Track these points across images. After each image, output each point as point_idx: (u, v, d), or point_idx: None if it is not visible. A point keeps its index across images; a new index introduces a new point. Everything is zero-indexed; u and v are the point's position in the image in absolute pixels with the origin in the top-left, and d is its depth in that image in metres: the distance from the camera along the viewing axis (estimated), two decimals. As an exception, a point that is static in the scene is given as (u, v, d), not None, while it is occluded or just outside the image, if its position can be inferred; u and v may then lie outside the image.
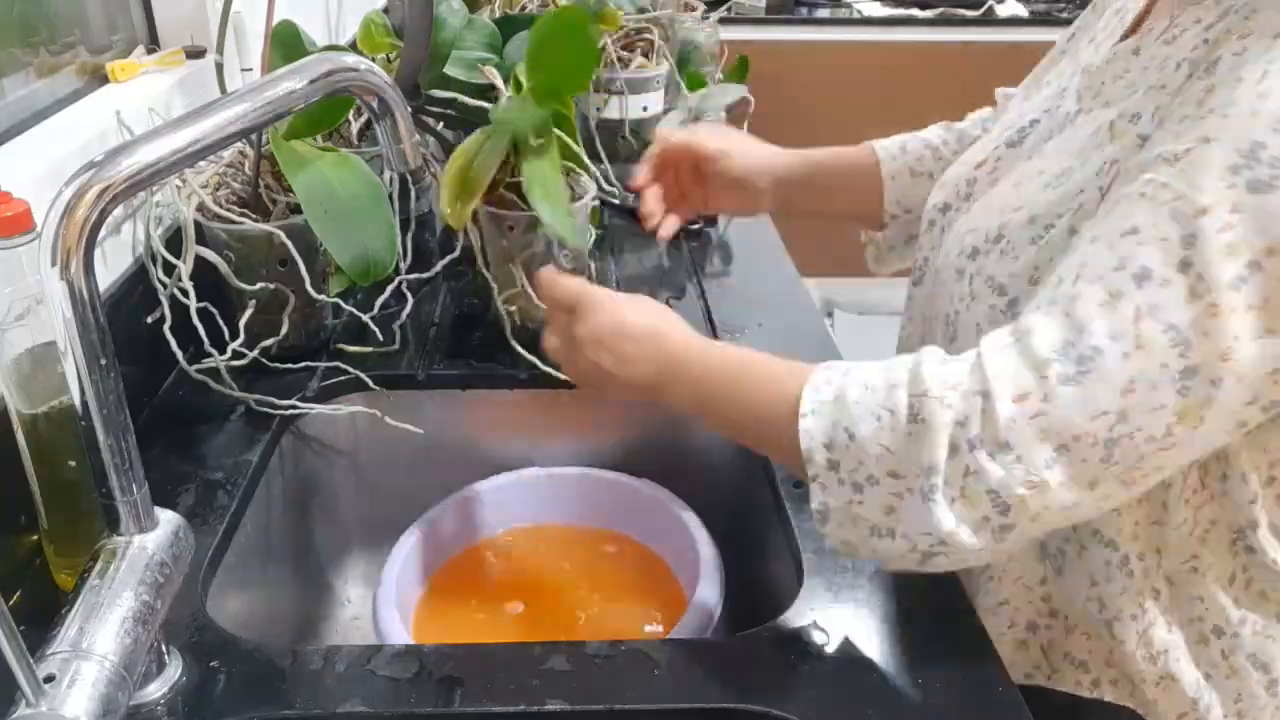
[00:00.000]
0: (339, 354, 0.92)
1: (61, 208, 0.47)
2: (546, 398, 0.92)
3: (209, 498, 0.74)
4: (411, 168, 0.66)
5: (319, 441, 0.90)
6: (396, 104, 0.62)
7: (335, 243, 0.81)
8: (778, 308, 1.05)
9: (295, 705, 0.57)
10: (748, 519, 0.88)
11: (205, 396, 0.84)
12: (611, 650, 0.61)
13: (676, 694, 0.59)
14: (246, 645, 0.62)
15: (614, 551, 0.90)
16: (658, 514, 0.87)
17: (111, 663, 0.49)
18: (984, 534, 0.54)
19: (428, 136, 1.05)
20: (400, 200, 0.99)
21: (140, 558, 0.54)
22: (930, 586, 0.67)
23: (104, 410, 0.51)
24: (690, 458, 0.95)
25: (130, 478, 0.53)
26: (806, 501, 0.74)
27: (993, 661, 0.61)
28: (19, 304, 0.58)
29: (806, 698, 0.58)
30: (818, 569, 0.68)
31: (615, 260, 1.16)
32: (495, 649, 0.62)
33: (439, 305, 1.04)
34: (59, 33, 0.87)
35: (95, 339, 0.49)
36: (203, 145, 0.52)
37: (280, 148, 0.82)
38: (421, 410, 0.92)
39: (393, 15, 1.07)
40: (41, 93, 0.83)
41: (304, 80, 0.57)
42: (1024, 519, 0.54)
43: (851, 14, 2.66)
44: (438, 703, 0.58)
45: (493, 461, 0.94)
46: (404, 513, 0.87)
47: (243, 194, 0.88)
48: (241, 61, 0.99)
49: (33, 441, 0.61)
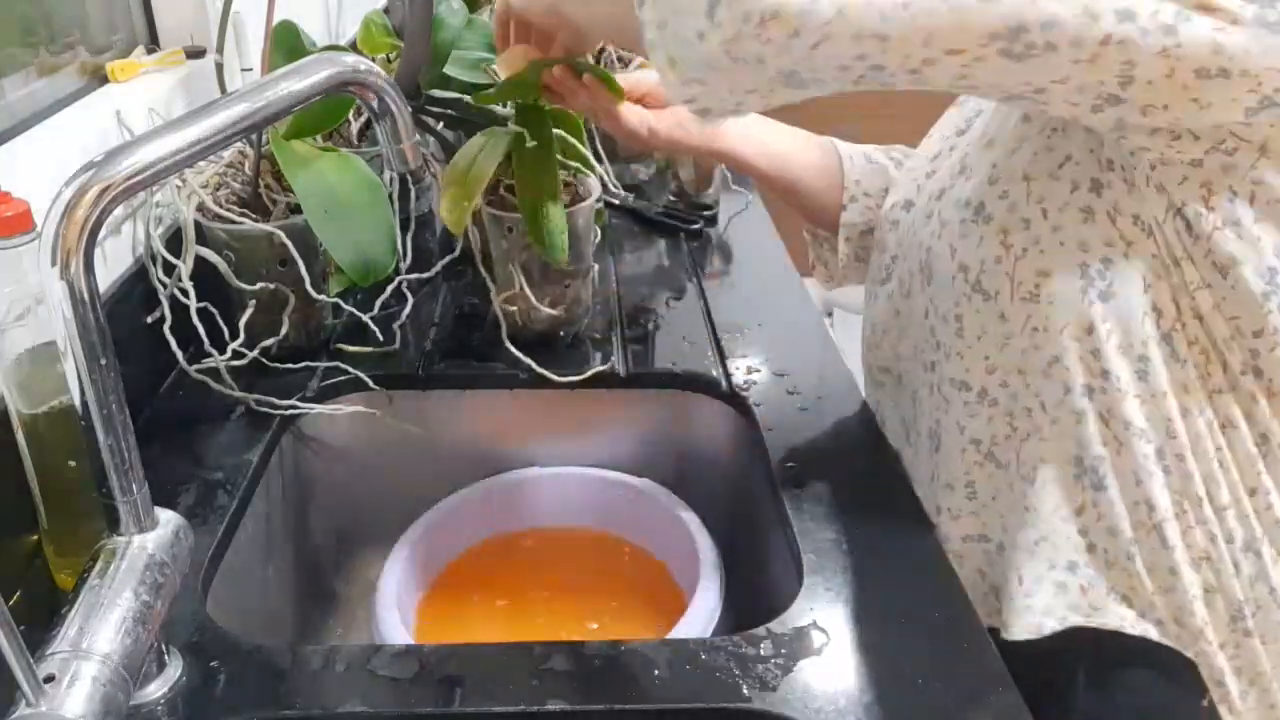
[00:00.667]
0: (339, 354, 0.92)
1: (61, 208, 0.47)
2: (546, 398, 0.92)
3: (209, 498, 0.74)
4: (411, 168, 0.66)
5: (319, 441, 0.90)
6: (396, 104, 0.62)
7: (335, 243, 0.81)
8: (778, 308, 1.05)
9: (295, 705, 0.57)
10: (748, 519, 0.88)
11: (205, 396, 0.84)
12: (611, 650, 0.61)
13: (676, 694, 0.59)
14: (246, 645, 0.62)
15: (614, 551, 0.90)
16: (658, 514, 0.87)
17: (112, 663, 0.49)
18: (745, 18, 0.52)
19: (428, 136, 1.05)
20: (400, 200, 0.99)
21: (140, 558, 0.54)
22: (931, 586, 0.67)
23: (104, 410, 0.51)
24: (690, 458, 0.95)
25: (130, 478, 0.53)
26: (806, 501, 0.75)
27: (995, 662, 0.61)
28: (19, 304, 0.58)
29: (806, 698, 0.58)
30: (818, 569, 0.68)
31: (615, 260, 1.16)
32: (495, 649, 0.62)
33: (439, 305, 1.04)
34: (59, 33, 0.87)
35: (95, 339, 0.49)
36: (203, 145, 0.52)
37: (280, 148, 0.82)
38: (421, 410, 0.92)
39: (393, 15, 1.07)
40: (41, 93, 0.83)
41: (304, 80, 0.57)
42: None
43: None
44: (438, 703, 0.58)
45: (493, 461, 0.94)
46: (404, 513, 0.87)
47: (243, 194, 0.88)
48: (241, 61, 0.99)
49: (33, 441, 0.61)
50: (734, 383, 0.90)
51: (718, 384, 0.91)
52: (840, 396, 0.88)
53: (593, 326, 0.99)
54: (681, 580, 0.84)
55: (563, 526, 0.92)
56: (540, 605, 0.85)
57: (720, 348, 0.96)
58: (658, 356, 0.95)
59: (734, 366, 0.92)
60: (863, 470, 0.79)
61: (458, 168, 0.86)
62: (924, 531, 0.73)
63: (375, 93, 0.61)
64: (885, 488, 0.77)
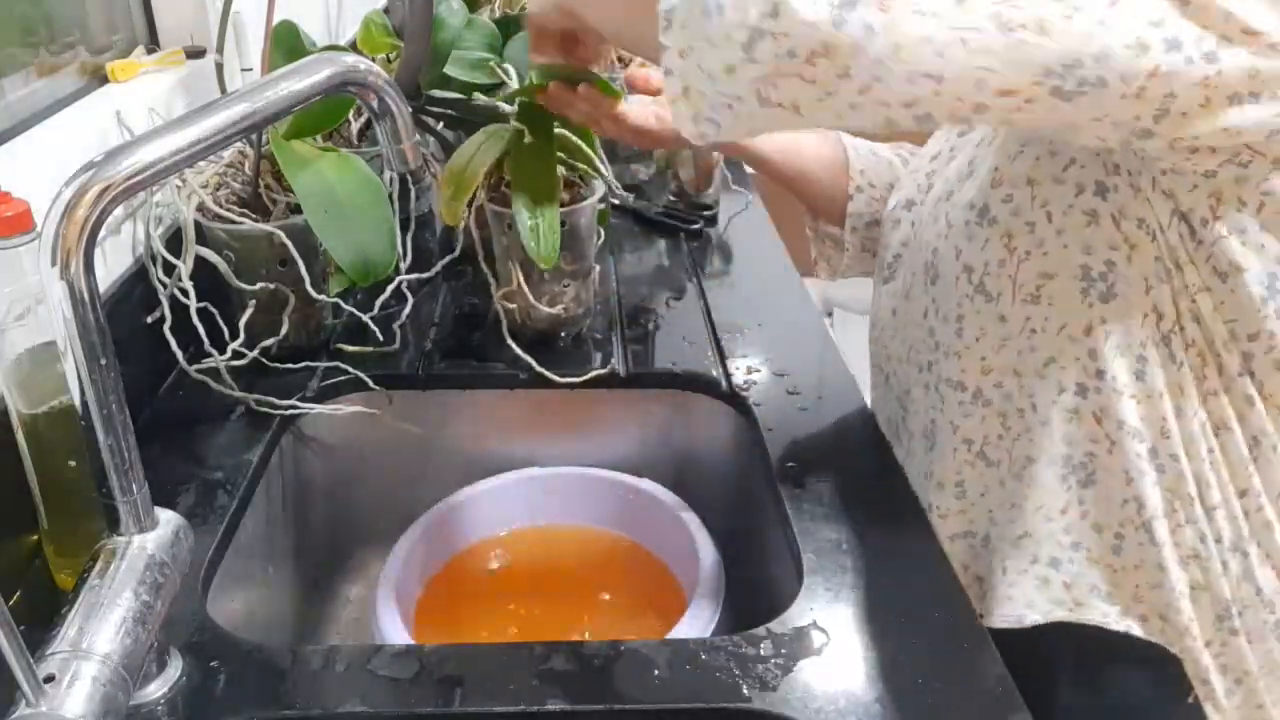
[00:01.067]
0: (339, 354, 0.92)
1: (61, 208, 0.47)
2: (546, 398, 0.92)
3: (209, 498, 0.74)
4: (411, 168, 0.66)
5: (319, 441, 0.90)
6: (396, 104, 0.62)
7: (335, 243, 0.81)
8: (778, 308, 1.05)
9: (295, 705, 0.57)
10: (748, 519, 0.88)
11: (205, 396, 0.84)
12: (611, 650, 0.61)
13: (676, 694, 0.59)
14: (246, 645, 0.62)
15: (614, 551, 0.90)
16: (658, 514, 0.87)
17: (111, 663, 0.49)
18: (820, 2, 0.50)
19: (428, 136, 1.05)
20: (400, 200, 0.99)
21: (140, 558, 0.54)
22: (931, 586, 0.67)
23: (104, 410, 0.51)
24: (690, 458, 0.95)
25: (130, 478, 0.53)
26: (806, 502, 0.75)
27: (995, 662, 0.61)
28: (19, 304, 0.58)
29: (806, 698, 0.58)
30: (818, 569, 0.68)
31: (615, 260, 1.16)
32: (495, 649, 0.62)
33: (439, 305, 1.04)
34: (59, 33, 0.87)
35: (95, 339, 0.49)
36: (203, 145, 0.52)
37: (280, 148, 0.82)
38: (421, 410, 0.92)
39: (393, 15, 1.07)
40: (41, 93, 0.83)
41: (304, 80, 0.57)
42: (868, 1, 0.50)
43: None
44: (438, 703, 0.58)
45: (493, 461, 0.94)
46: (404, 513, 0.87)
47: (243, 194, 0.88)
48: (241, 61, 0.99)
49: (33, 441, 0.61)
50: (734, 383, 0.90)
51: (718, 384, 0.91)
52: (840, 396, 0.88)
53: (593, 326, 0.99)
54: (681, 580, 0.84)
55: (563, 526, 0.92)
56: (540, 605, 0.85)
57: (720, 348, 0.96)
58: (658, 356, 0.95)
59: (734, 366, 0.92)
60: (863, 470, 0.79)
61: (456, 164, 0.86)
62: (924, 532, 0.73)
63: (375, 93, 0.61)
64: (885, 488, 0.77)
